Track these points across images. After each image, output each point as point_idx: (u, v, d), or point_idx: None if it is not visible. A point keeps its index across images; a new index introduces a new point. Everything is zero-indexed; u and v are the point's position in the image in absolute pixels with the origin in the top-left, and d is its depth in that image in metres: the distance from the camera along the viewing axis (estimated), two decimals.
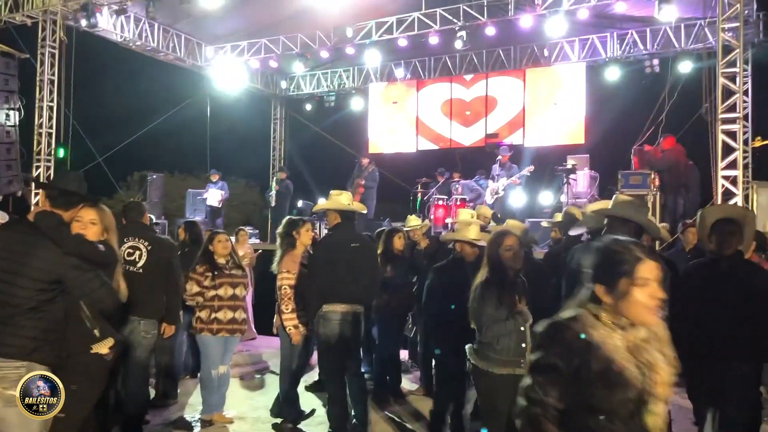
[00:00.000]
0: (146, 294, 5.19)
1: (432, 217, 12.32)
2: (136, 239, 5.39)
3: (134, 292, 5.23)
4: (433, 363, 7.09)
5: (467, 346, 4.22)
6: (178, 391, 6.79)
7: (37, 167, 13.27)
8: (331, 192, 5.69)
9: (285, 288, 5.69)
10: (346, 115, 18.61)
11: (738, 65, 9.46)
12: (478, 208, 8.24)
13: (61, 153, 13.43)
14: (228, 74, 16.44)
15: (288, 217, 6.26)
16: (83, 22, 12.67)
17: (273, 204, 14.74)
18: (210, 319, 5.68)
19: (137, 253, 5.34)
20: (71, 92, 13.37)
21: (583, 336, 2.15)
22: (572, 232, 5.31)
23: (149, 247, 5.37)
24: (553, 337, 2.20)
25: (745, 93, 12.30)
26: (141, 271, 5.29)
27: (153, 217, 13.43)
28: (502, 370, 3.98)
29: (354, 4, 13.70)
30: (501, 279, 4.09)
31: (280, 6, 13.59)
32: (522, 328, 4.03)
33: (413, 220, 7.97)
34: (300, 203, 15.18)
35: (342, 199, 5.60)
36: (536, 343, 2.28)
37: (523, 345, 4.03)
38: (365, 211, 6.74)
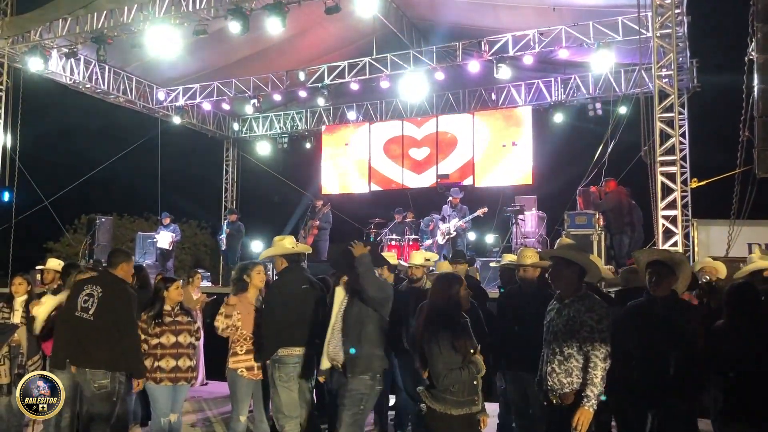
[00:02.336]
0: (95, 342, 5.12)
1: None
2: (93, 286, 5.33)
3: (84, 340, 5.14)
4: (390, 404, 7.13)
5: (419, 389, 4.23)
6: None
7: None
8: (275, 238, 5.76)
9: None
10: (299, 156, 18.72)
11: (674, 110, 9.92)
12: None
13: (6, 196, 13.13)
14: (179, 116, 16.44)
15: (240, 263, 6.27)
16: (32, 65, 12.55)
17: (224, 247, 14.61)
18: (153, 367, 5.56)
19: (90, 300, 5.26)
20: (17, 134, 13.16)
21: None
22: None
23: (101, 296, 5.26)
24: None
25: (683, 136, 12.90)
26: (92, 318, 5.21)
27: (102, 260, 13.23)
28: (459, 411, 4.00)
29: (306, 49, 13.98)
30: (453, 321, 4.12)
31: (232, 49, 13.73)
32: (475, 376, 4.07)
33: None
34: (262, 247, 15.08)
35: (285, 243, 5.66)
36: None
37: (475, 382, 4.09)
38: (310, 251, 6.80)
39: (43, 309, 5.82)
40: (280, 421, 5.48)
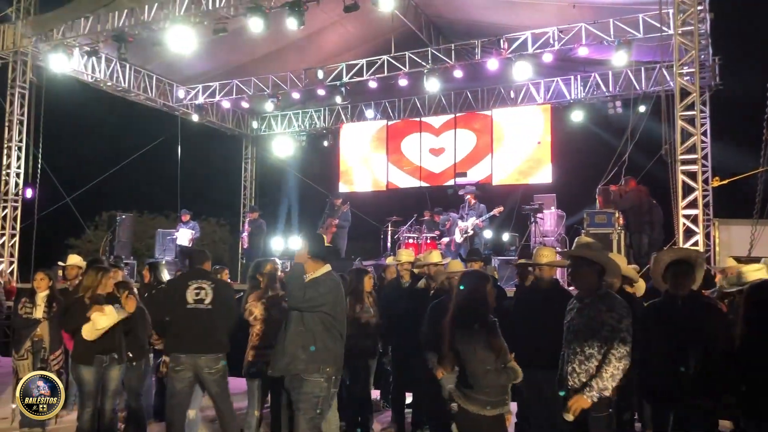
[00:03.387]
0: (214, 328, 5.44)
1: None
2: (200, 280, 5.59)
3: (203, 328, 5.48)
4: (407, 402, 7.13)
5: (450, 387, 4.16)
6: None
7: (4, 208, 13.13)
8: None
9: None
10: (317, 153, 18.77)
11: (695, 108, 9.80)
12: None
13: (29, 193, 13.32)
14: (199, 114, 16.55)
15: (255, 260, 6.33)
16: (54, 64, 12.69)
17: (245, 245, 14.69)
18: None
19: (203, 291, 5.53)
20: (40, 132, 13.33)
21: None
22: None
23: (213, 286, 5.58)
24: None
25: (704, 134, 12.74)
26: (210, 306, 5.48)
27: (123, 256, 13.36)
28: (493, 412, 3.99)
29: (324, 47, 14.00)
30: (486, 320, 4.09)
31: (251, 48, 13.78)
32: (510, 380, 4.06)
33: (405, 255, 7.75)
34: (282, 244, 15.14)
35: None
36: None
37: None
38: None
39: (106, 320, 5.76)
40: None
